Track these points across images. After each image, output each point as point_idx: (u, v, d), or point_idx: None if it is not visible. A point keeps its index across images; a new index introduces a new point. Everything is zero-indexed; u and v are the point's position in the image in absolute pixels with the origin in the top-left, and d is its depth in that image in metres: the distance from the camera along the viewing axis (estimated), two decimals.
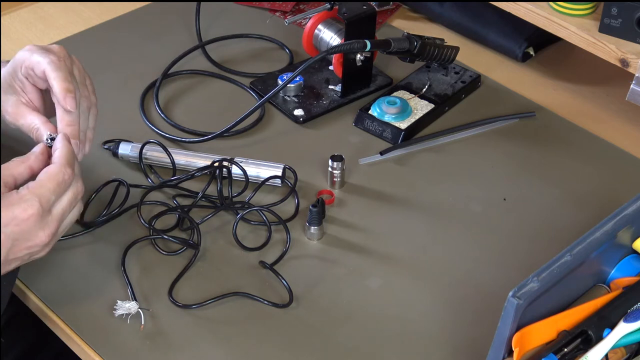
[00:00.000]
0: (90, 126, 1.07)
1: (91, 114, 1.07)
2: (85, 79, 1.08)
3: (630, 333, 0.94)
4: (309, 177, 1.24)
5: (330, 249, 1.15)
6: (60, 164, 0.97)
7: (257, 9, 1.55)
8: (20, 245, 0.94)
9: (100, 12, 1.52)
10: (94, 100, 1.08)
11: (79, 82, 1.06)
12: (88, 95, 1.07)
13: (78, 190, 0.98)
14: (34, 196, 0.93)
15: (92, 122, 1.08)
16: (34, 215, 0.93)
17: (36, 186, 0.94)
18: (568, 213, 1.20)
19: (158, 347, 1.03)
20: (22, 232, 0.93)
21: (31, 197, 0.93)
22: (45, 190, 0.94)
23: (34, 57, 1.04)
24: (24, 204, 0.93)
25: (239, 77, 1.41)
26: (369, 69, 1.37)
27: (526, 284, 0.89)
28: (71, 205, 0.97)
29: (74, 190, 0.98)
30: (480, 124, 1.33)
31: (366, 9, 1.31)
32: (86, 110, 1.06)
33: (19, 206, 0.92)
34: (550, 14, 1.27)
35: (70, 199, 0.97)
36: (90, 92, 1.08)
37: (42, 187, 0.94)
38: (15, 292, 1.10)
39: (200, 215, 1.17)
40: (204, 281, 1.10)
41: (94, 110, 1.08)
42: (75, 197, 0.98)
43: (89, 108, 1.07)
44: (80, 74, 1.07)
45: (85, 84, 1.07)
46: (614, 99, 1.40)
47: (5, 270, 0.95)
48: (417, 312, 1.08)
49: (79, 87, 1.05)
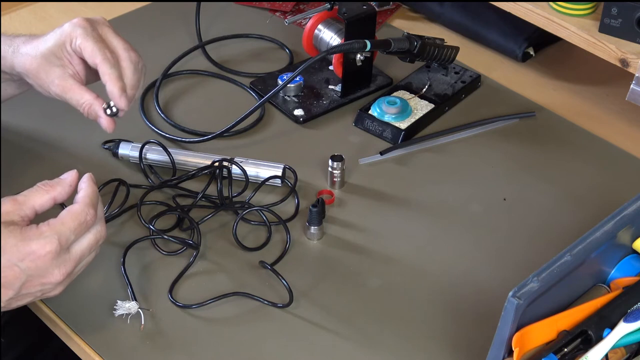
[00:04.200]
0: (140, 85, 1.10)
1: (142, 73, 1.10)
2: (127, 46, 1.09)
3: (630, 333, 0.94)
4: (309, 177, 1.24)
5: (330, 249, 1.15)
6: (84, 204, 0.94)
7: (257, 9, 1.55)
8: (34, 282, 0.91)
9: (100, 12, 1.52)
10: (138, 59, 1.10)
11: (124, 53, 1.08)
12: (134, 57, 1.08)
13: (100, 235, 0.96)
14: (54, 233, 0.91)
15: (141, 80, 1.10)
16: (52, 253, 0.90)
17: (57, 223, 0.92)
18: (568, 213, 1.20)
19: (158, 347, 1.03)
20: (37, 269, 0.91)
21: (51, 234, 0.90)
22: (65, 229, 0.92)
23: (89, 45, 1.06)
24: (42, 240, 0.90)
25: (239, 77, 1.41)
26: (369, 69, 1.37)
27: (526, 284, 0.89)
28: (91, 248, 0.95)
29: (96, 235, 0.96)
30: (480, 124, 1.33)
31: (366, 9, 1.31)
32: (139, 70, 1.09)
33: (37, 242, 0.90)
34: (550, 14, 1.27)
35: (91, 243, 0.95)
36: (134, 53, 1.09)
37: (63, 225, 0.92)
38: None
39: (200, 215, 1.17)
40: (204, 281, 1.10)
41: (142, 67, 1.10)
42: (97, 241, 0.96)
43: (140, 67, 1.09)
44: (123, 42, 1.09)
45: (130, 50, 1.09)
46: (614, 99, 1.40)
47: (16, 306, 0.94)
48: (417, 312, 1.08)
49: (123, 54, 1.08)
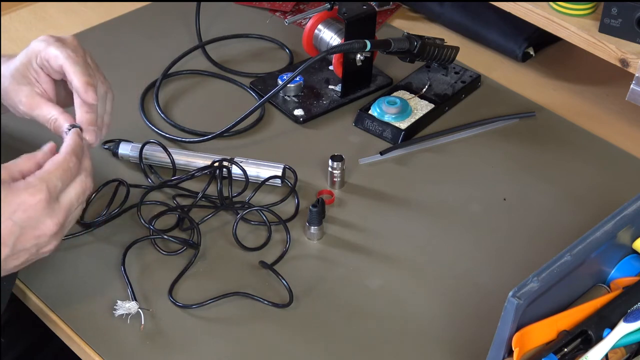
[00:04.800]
0: (108, 110, 1.08)
1: (108, 99, 1.08)
2: (97, 68, 1.09)
3: (630, 333, 0.94)
4: (309, 177, 1.24)
5: (330, 249, 1.15)
6: (66, 152, 0.96)
7: (257, 9, 1.55)
8: (29, 234, 0.92)
9: (100, 12, 1.52)
10: (108, 85, 1.09)
11: (93, 69, 1.07)
12: (104, 81, 1.08)
13: (87, 186, 0.98)
14: (42, 182, 0.92)
15: (109, 106, 1.08)
16: (42, 201, 0.92)
17: (43, 173, 0.94)
18: (568, 213, 1.20)
19: (158, 347, 1.03)
20: (30, 219, 0.92)
21: (39, 182, 0.92)
22: (52, 177, 0.93)
23: (51, 50, 1.04)
24: (31, 189, 0.91)
25: (239, 77, 1.41)
26: (369, 69, 1.37)
27: (526, 284, 0.89)
28: (79, 198, 0.97)
29: (82, 185, 0.97)
30: (480, 124, 1.33)
31: (366, 9, 1.31)
32: (103, 95, 1.06)
33: (26, 191, 0.91)
34: (550, 14, 1.27)
35: (78, 192, 0.96)
36: (103, 77, 1.09)
37: (49, 174, 0.93)
38: (15, 292, 1.10)
39: (200, 215, 1.17)
40: (204, 281, 1.10)
41: (110, 94, 1.09)
42: (84, 191, 0.97)
43: (106, 93, 1.08)
44: (93, 62, 1.08)
45: (98, 70, 1.08)
46: (614, 99, 1.40)
47: (14, 266, 0.94)
48: (417, 312, 1.08)
49: (95, 74, 1.06)
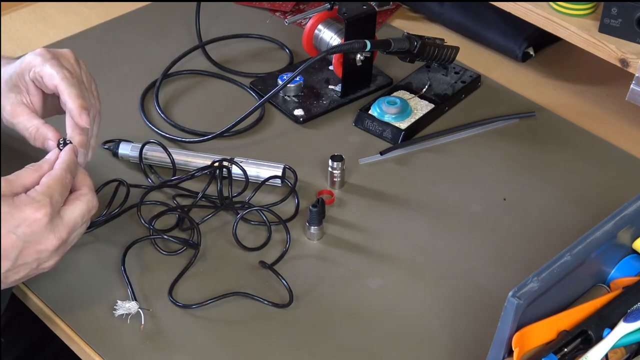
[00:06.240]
0: (94, 134, 1.08)
1: (95, 122, 1.08)
2: (92, 84, 1.09)
3: (630, 333, 0.94)
4: (309, 177, 1.24)
5: (330, 249, 1.15)
6: (62, 169, 0.96)
7: (257, 9, 1.55)
8: (31, 249, 0.93)
9: (100, 12, 1.52)
10: (98, 107, 1.09)
11: (88, 88, 1.07)
12: (94, 103, 1.08)
13: (92, 205, 0.98)
14: (45, 196, 0.93)
15: (96, 129, 1.09)
16: (46, 216, 0.92)
17: (45, 187, 0.94)
18: (568, 213, 1.20)
19: (158, 347, 1.03)
20: (33, 234, 0.92)
21: (42, 197, 0.93)
22: (54, 192, 0.94)
23: (46, 69, 1.04)
24: (35, 204, 0.92)
25: (239, 77, 1.41)
26: (369, 69, 1.37)
27: (526, 284, 0.89)
28: (83, 217, 0.97)
29: (88, 204, 0.97)
30: (480, 124, 1.33)
31: (366, 9, 1.31)
32: (92, 119, 1.06)
33: (30, 206, 0.92)
34: (550, 14, 1.27)
35: (83, 211, 0.97)
36: (95, 98, 1.08)
37: (49, 188, 0.94)
38: (16, 292, 1.10)
39: (200, 215, 1.17)
40: (204, 281, 1.10)
41: (98, 118, 1.09)
42: (89, 210, 0.98)
43: (95, 116, 1.07)
44: (88, 80, 1.08)
45: (91, 90, 1.08)
46: (614, 99, 1.40)
47: (13, 280, 0.94)
48: (417, 312, 1.08)
49: (88, 95, 1.06)
